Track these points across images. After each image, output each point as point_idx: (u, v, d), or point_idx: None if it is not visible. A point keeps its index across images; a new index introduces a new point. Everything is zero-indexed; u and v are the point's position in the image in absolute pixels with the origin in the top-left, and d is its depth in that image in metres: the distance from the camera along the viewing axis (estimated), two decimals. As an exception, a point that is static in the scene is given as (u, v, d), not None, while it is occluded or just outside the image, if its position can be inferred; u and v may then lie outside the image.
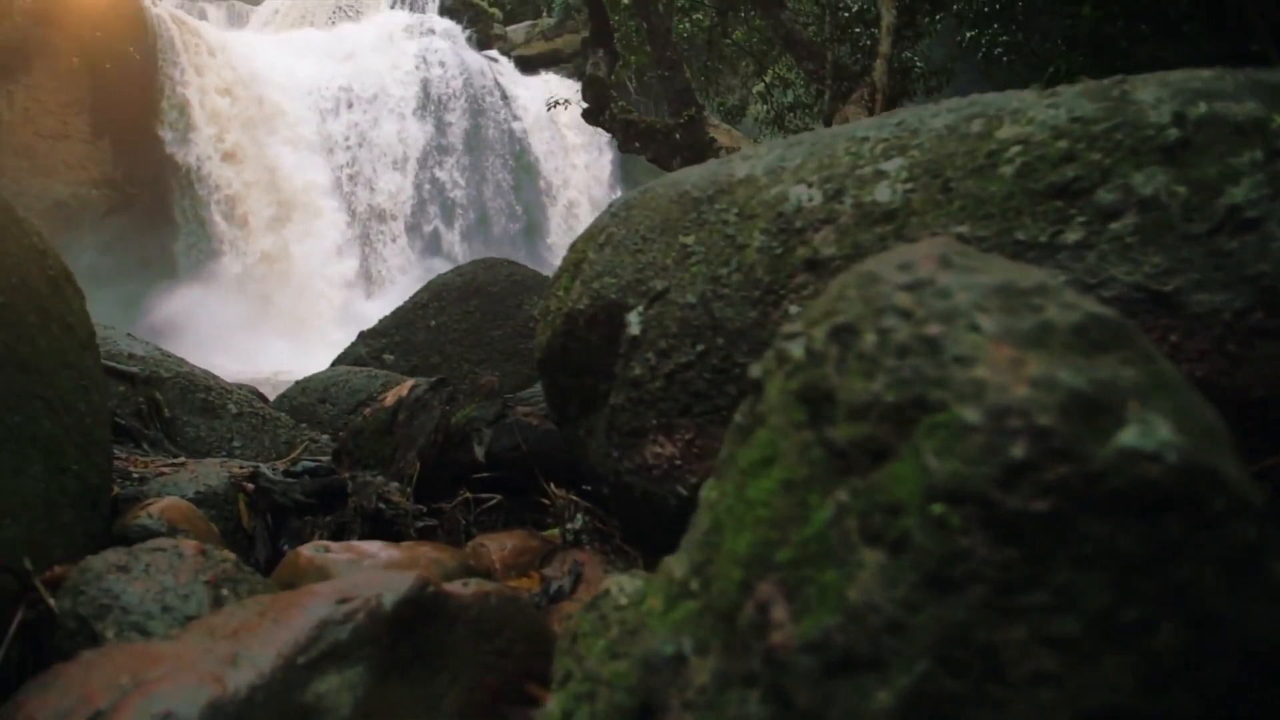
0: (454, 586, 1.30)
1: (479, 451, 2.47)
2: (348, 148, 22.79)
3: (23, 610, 1.51)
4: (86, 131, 20.49)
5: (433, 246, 22.66)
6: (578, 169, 25.81)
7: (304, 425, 4.10)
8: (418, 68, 24.12)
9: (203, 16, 24.93)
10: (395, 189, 23.14)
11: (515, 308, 5.62)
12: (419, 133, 23.75)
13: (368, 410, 2.74)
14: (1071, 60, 8.11)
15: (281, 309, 20.84)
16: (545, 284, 5.77)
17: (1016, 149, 1.28)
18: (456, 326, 5.65)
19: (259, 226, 21.20)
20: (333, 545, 1.87)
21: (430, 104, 24.10)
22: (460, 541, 2.49)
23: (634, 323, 1.70)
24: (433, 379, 2.70)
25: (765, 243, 1.51)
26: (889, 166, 1.42)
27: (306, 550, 1.86)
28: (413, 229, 23.10)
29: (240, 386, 4.45)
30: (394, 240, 22.80)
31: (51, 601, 1.52)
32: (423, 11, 26.99)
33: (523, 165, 25.10)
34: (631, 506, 1.79)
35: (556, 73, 26.74)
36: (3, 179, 16.96)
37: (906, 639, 0.68)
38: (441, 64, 24.39)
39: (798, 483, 0.80)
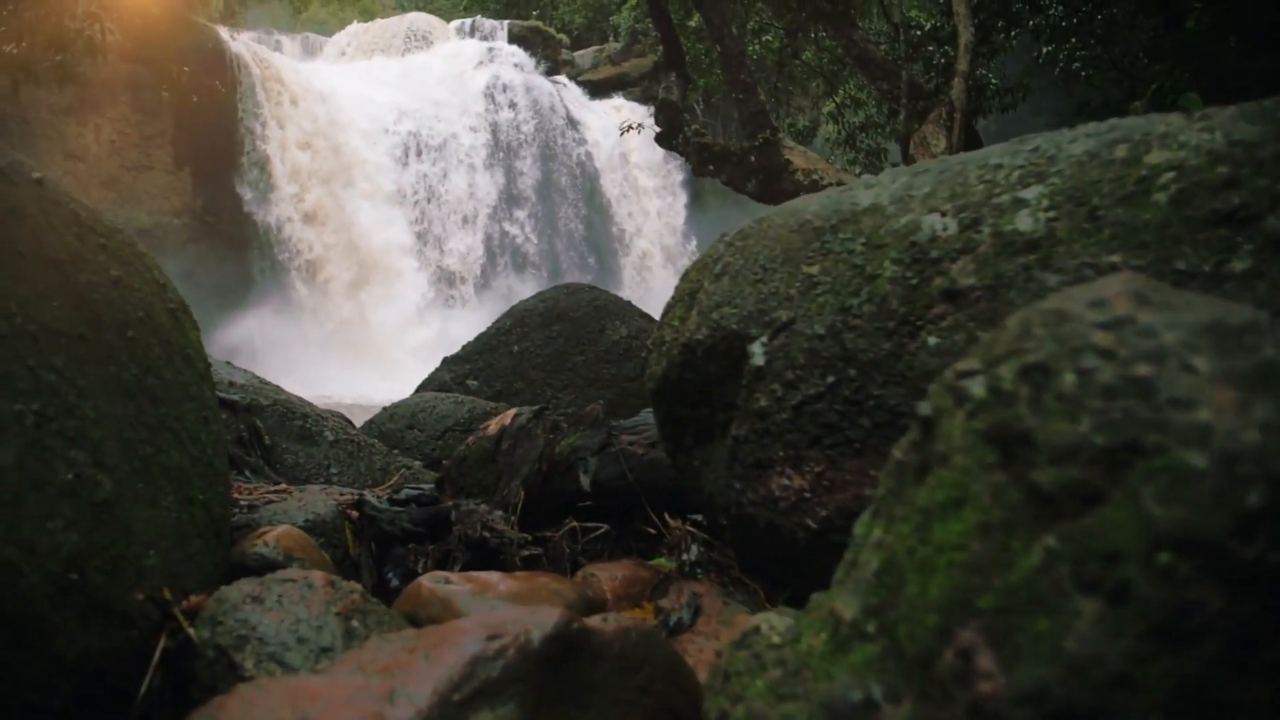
0: (595, 622, 1.30)
1: (584, 480, 2.47)
2: (416, 202, 22.95)
3: (164, 639, 1.54)
4: (169, 163, 21.17)
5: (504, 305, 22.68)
6: (650, 216, 25.83)
7: (396, 451, 4.15)
8: (487, 110, 24.27)
9: (278, 48, 25.49)
10: (466, 248, 23.22)
11: (598, 333, 5.64)
12: (489, 184, 23.86)
13: (471, 439, 2.76)
14: (1176, 77, 7.91)
15: (356, 339, 21.16)
16: (628, 309, 5.80)
17: (1170, 175, 1.25)
18: (539, 352, 5.68)
19: (339, 291, 21.52)
20: (452, 576, 1.88)
21: (500, 150, 24.21)
22: (566, 570, 2.49)
23: (758, 353, 1.69)
24: (535, 407, 2.71)
25: (898, 273, 1.50)
26: (1028, 194, 1.40)
27: (426, 581, 1.87)
28: (483, 288, 23.14)
29: (331, 413, 4.51)
30: (464, 304, 22.86)
31: (191, 631, 1.55)
32: (491, 39, 27.37)
33: (594, 207, 25.13)
34: (753, 538, 1.77)
35: (624, 97, 26.93)
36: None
37: (1136, 694, 0.65)
38: (512, 104, 24.56)
39: (995, 526, 0.78)
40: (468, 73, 25.24)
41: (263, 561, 2.18)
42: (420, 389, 5.95)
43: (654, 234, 25.79)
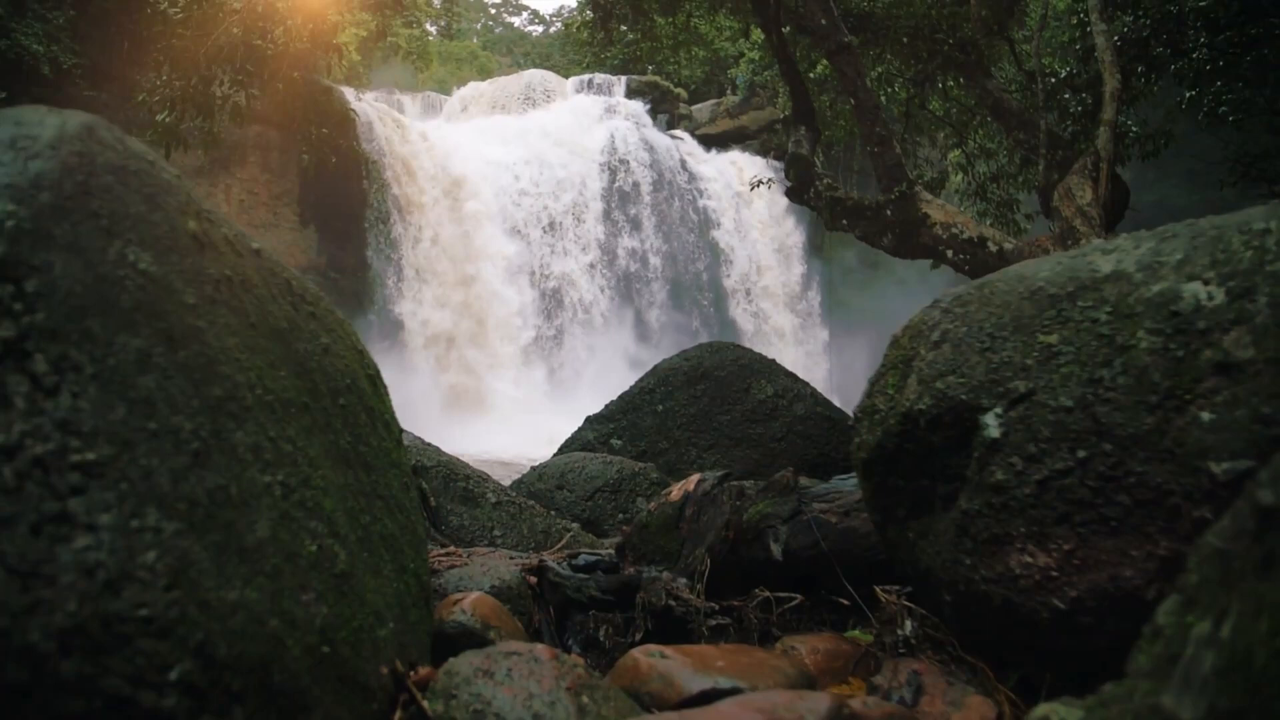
0: (858, 705, 1.26)
1: (776, 549, 2.43)
2: (535, 257, 23.27)
3: (399, 711, 1.55)
4: (294, 220, 22.02)
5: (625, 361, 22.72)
6: (769, 269, 25.76)
7: (554, 513, 4.16)
8: (606, 164, 24.58)
9: (399, 108, 26.31)
10: (584, 302, 23.44)
11: (743, 392, 5.60)
12: (608, 238, 24.12)
13: (653, 504, 2.75)
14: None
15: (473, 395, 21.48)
16: (772, 368, 5.75)
17: None
18: (684, 411, 5.66)
19: (458, 347, 21.95)
20: (666, 650, 1.85)
21: (619, 204, 24.47)
22: (754, 641, 2.44)
23: (992, 425, 1.63)
24: (719, 473, 2.69)
25: (1158, 344, 1.43)
26: (1307, 262, 1.32)
27: (640, 656, 1.84)
28: (603, 344, 23.28)
29: (479, 473, 4.55)
30: (585, 359, 23.02)
31: (425, 704, 1.55)
32: (609, 94, 27.82)
33: (714, 260, 25.13)
34: (983, 616, 1.70)
35: (743, 150, 27.06)
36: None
37: None
38: (630, 159, 24.84)
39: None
40: (586, 128, 25.65)
41: (461, 629, 2.19)
42: (564, 448, 5.98)
43: (773, 286, 25.68)
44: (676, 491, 2.69)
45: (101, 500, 1.12)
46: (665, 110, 27.72)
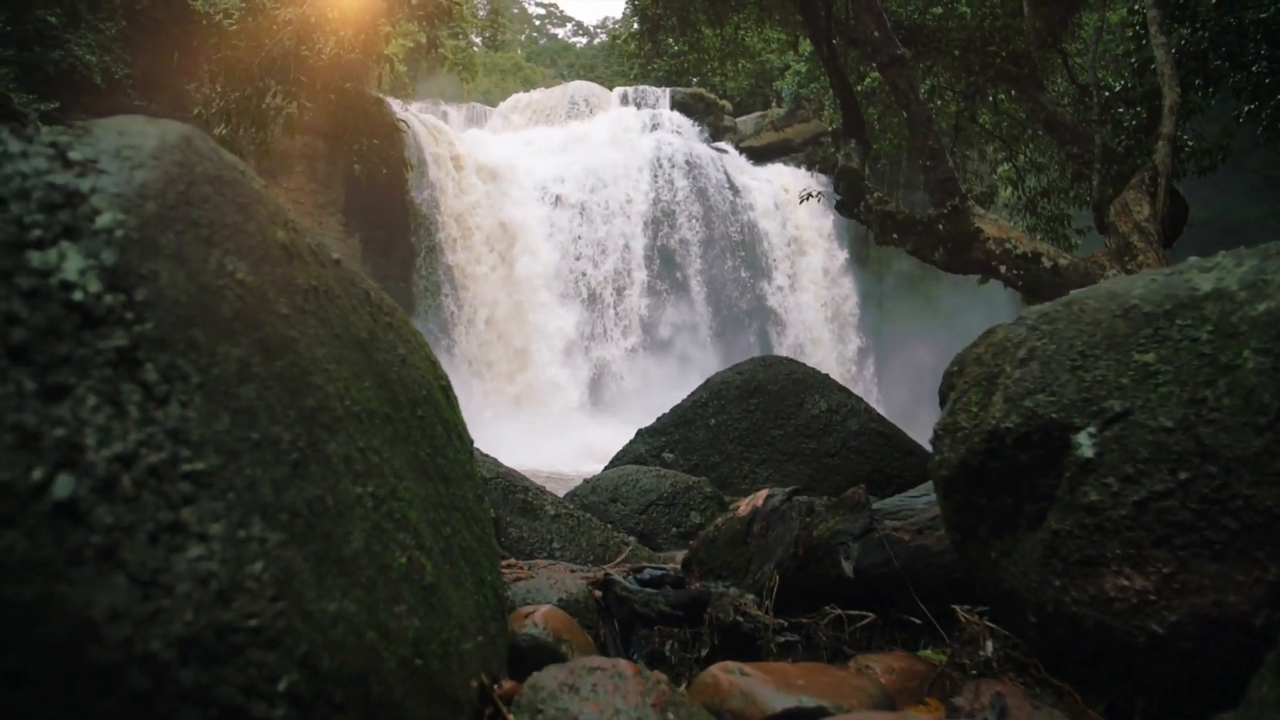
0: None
1: (847, 566, 2.41)
2: (578, 266, 23.30)
3: (485, 727, 1.55)
4: (339, 230, 22.25)
5: (671, 371, 22.62)
6: (814, 283, 25.60)
7: (610, 526, 4.15)
8: (649, 176, 24.54)
9: (444, 118, 26.45)
10: (627, 312, 23.42)
11: (796, 406, 5.58)
12: (652, 250, 24.07)
13: (720, 520, 2.73)
14: None
15: (517, 402, 21.56)
16: (826, 383, 5.72)
17: None
18: (736, 425, 5.64)
19: (502, 357, 22.03)
20: (745, 667, 1.84)
21: (662, 216, 24.42)
22: (823, 658, 2.42)
23: (1085, 444, 1.60)
24: (788, 489, 2.67)
25: (1266, 364, 1.40)
26: None
27: (719, 673, 1.83)
28: (645, 354, 23.26)
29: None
30: (626, 371, 22.99)
31: (511, 718, 1.55)
32: (654, 106, 27.82)
33: (757, 273, 25.01)
34: (1072, 638, 1.67)
35: (787, 163, 26.96)
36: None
37: None
38: (674, 171, 24.79)
39: None
40: (630, 140, 25.66)
41: (533, 642, 2.19)
42: (615, 461, 5.97)
43: (817, 300, 25.54)
44: (744, 507, 2.67)
45: (211, 510, 1.12)
46: (710, 123, 27.66)
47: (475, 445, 2.49)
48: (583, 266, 23.49)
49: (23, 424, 0.97)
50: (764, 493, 2.67)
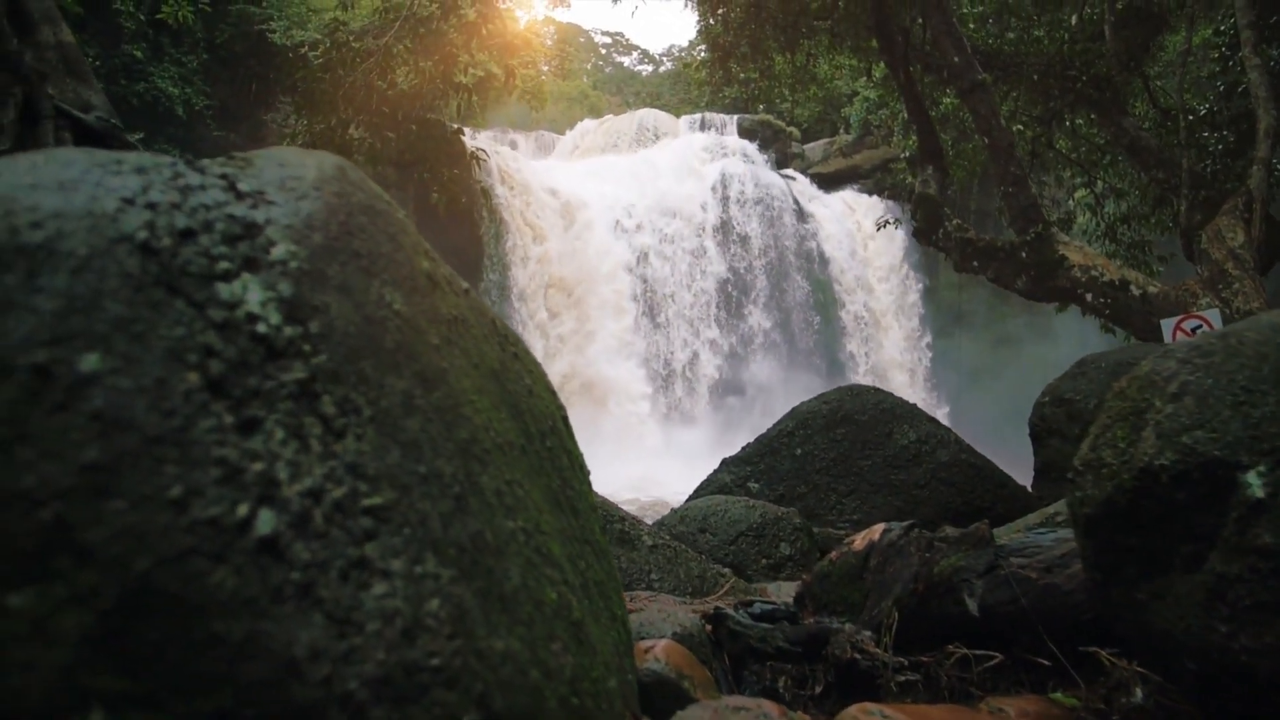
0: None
1: (971, 604, 2.34)
2: (647, 291, 23.29)
3: (626, 770, 1.52)
4: (408, 261, 22.47)
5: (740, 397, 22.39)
6: (884, 310, 25.38)
7: (704, 557, 4.12)
8: (717, 203, 24.52)
9: (513, 146, 26.67)
10: (695, 338, 23.33)
11: (885, 437, 5.50)
12: (721, 276, 23.99)
13: (834, 553, 2.68)
14: None
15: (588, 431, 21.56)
16: (915, 413, 5.63)
17: None
18: (823, 455, 5.58)
19: (575, 389, 22.04)
20: (886, 709, 1.79)
21: (730, 242, 24.35)
22: (945, 699, 2.35)
23: (1255, 484, 1.54)
24: (906, 523, 2.61)
25: None
26: None
27: (860, 714, 1.78)
28: (715, 381, 23.13)
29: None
30: (694, 397, 22.86)
31: (657, 762, 1.52)
32: (721, 132, 27.89)
33: (827, 300, 24.85)
34: (1239, 688, 1.60)
35: (856, 189, 26.84)
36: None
37: None
38: (742, 198, 24.73)
39: None
40: (698, 167, 25.71)
41: (656, 678, 2.16)
42: (699, 491, 5.93)
43: (888, 326, 25.31)
44: (860, 541, 2.62)
45: (390, 546, 1.12)
46: (777, 149, 27.66)
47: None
48: (654, 293, 23.48)
49: (226, 458, 0.97)
50: (880, 527, 2.62)
